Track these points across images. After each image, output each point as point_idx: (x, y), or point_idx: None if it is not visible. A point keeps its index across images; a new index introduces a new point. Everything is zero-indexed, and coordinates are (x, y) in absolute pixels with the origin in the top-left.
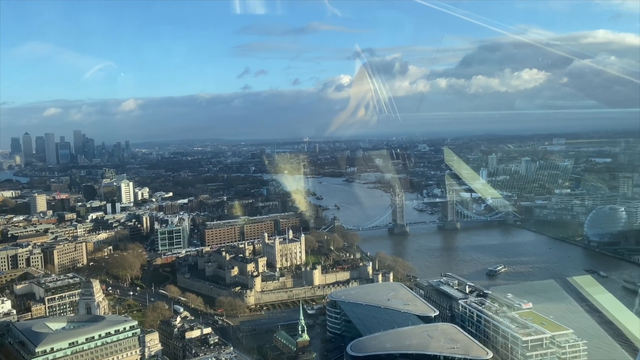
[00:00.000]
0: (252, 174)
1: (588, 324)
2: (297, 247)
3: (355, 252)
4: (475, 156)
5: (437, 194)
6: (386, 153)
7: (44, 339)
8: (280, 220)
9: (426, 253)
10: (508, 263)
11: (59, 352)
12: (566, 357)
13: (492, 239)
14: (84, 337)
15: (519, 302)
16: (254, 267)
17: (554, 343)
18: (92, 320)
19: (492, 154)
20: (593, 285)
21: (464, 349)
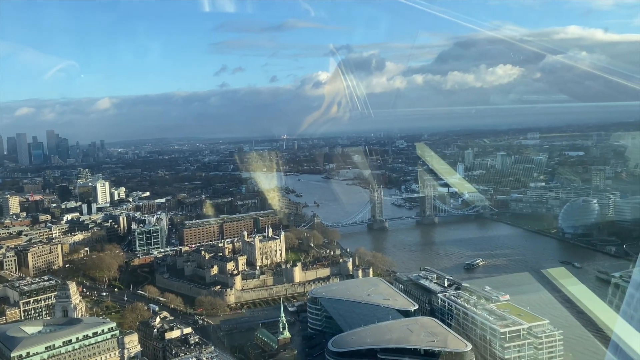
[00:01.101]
0: (230, 172)
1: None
2: (277, 244)
3: (335, 249)
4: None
5: (415, 189)
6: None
7: (19, 343)
8: (260, 218)
9: (405, 248)
10: (485, 256)
11: (36, 356)
12: (543, 347)
13: (469, 232)
14: (61, 341)
15: (497, 294)
16: (233, 266)
17: (531, 334)
18: (69, 323)
19: (468, 149)
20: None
21: (443, 342)
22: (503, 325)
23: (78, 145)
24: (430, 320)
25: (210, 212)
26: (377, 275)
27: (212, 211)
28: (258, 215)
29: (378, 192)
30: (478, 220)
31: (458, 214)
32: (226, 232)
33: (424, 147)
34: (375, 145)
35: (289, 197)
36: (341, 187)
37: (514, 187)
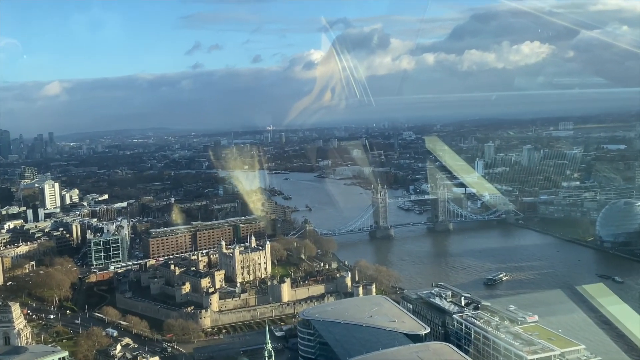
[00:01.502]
0: (205, 170)
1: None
2: (261, 257)
3: (331, 261)
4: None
5: (425, 190)
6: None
7: None
8: (241, 226)
9: (414, 260)
10: (509, 270)
11: None
12: None
13: (490, 241)
14: None
15: (523, 314)
16: (209, 283)
17: None
18: (12, 352)
19: (488, 142)
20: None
21: None
22: (531, 352)
23: (21, 138)
24: (444, 346)
25: (181, 218)
26: (380, 292)
27: (184, 217)
28: (238, 222)
29: (382, 193)
30: (500, 227)
31: (477, 219)
32: (200, 242)
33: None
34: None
35: (275, 200)
36: (338, 187)
37: (543, 187)
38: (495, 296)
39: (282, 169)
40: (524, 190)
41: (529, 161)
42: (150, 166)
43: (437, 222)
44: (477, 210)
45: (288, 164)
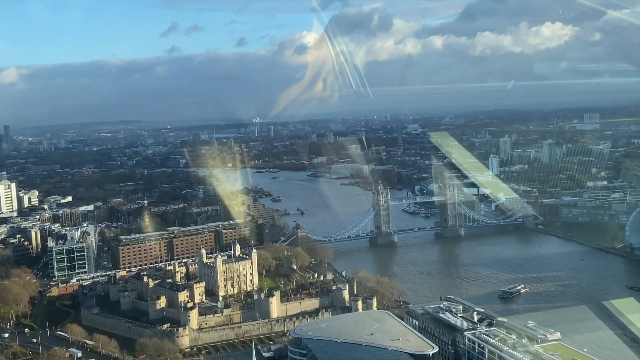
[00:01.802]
0: (183, 168)
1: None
2: (246, 267)
3: (326, 272)
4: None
5: (433, 190)
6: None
7: None
8: (223, 232)
9: (420, 270)
10: (528, 281)
11: None
12: None
13: (506, 249)
14: None
15: (544, 332)
16: (187, 297)
17: None
18: None
19: (504, 137)
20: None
21: None
22: None
23: None
24: None
25: (156, 223)
26: (382, 307)
27: (158, 222)
28: (221, 228)
29: (384, 194)
30: (518, 233)
31: (491, 223)
32: (177, 250)
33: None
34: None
35: (262, 203)
36: (334, 188)
37: (566, 188)
38: (512, 311)
39: (270, 167)
40: (544, 190)
41: (550, 158)
42: (120, 164)
43: (446, 227)
44: (491, 214)
45: (277, 161)
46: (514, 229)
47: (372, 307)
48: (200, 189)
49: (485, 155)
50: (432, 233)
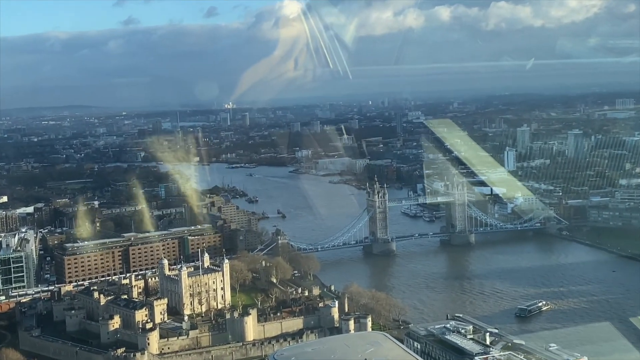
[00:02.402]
0: (141, 163)
1: None
2: (217, 280)
3: (312, 286)
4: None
5: (438, 189)
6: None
7: None
8: (190, 238)
9: (423, 283)
10: (550, 296)
11: None
12: None
13: (524, 258)
14: None
15: (569, 355)
16: (146, 316)
17: None
18: None
19: (522, 126)
20: None
21: None
22: None
23: None
24: None
25: (109, 228)
26: (378, 327)
27: (111, 227)
28: (186, 234)
29: (380, 194)
30: (538, 239)
31: (507, 229)
32: (134, 260)
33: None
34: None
35: (236, 204)
36: (321, 186)
37: (595, 187)
38: (531, 331)
39: (245, 161)
40: (569, 190)
41: (576, 151)
42: (65, 157)
43: (453, 233)
44: (506, 217)
45: (254, 154)
46: (533, 235)
47: (366, 328)
48: (162, 188)
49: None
50: (437, 240)
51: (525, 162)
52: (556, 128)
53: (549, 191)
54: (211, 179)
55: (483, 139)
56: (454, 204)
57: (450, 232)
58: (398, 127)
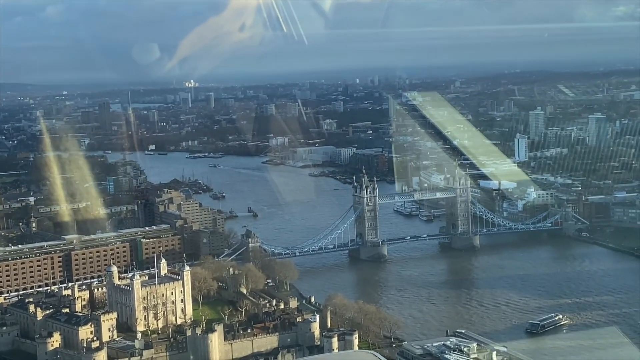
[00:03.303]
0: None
1: None
2: (176, 291)
3: (289, 298)
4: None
5: (437, 183)
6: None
7: None
8: (144, 241)
9: (420, 294)
10: (567, 308)
11: None
12: None
13: (538, 264)
14: None
15: None
16: (92, 333)
17: None
18: None
19: (536, 109)
20: None
21: None
22: None
23: None
24: None
25: (47, 229)
26: (367, 345)
27: (50, 228)
28: (140, 236)
29: (369, 189)
30: (554, 242)
31: (517, 229)
32: (77, 267)
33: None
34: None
35: (199, 201)
36: (299, 179)
37: (621, 180)
38: (545, 350)
39: (210, 150)
40: (590, 184)
41: (598, 138)
42: None
43: (455, 234)
44: (517, 216)
45: (220, 142)
46: (548, 236)
47: (352, 346)
48: (111, 182)
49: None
50: (435, 243)
51: (539, 152)
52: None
53: (567, 185)
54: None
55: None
56: (456, 200)
57: (451, 234)
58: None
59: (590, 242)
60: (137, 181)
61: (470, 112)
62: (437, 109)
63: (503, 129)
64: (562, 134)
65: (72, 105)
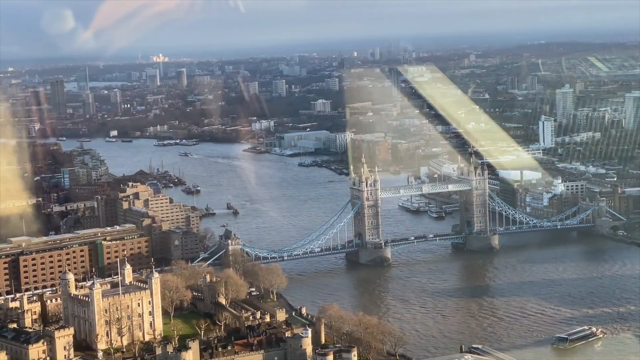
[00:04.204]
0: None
1: None
2: (143, 301)
3: (276, 309)
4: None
5: (449, 174)
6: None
7: None
8: (105, 244)
9: (429, 303)
10: (601, 319)
11: None
12: None
13: (566, 268)
14: None
15: None
16: (44, 352)
17: None
18: None
19: (563, 87)
20: None
21: None
22: None
23: None
24: None
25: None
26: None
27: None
28: (100, 237)
29: (370, 181)
30: (585, 242)
31: (542, 227)
32: (26, 274)
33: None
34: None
35: (169, 196)
36: (287, 170)
37: None
38: None
39: (182, 136)
40: (626, 174)
41: (637, 120)
42: None
43: (470, 234)
44: (542, 212)
45: (194, 126)
46: (578, 235)
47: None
48: (66, 174)
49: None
50: (447, 244)
51: (567, 136)
52: (609, 89)
53: (600, 176)
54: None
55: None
56: (471, 194)
57: (465, 233)
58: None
59: (627, 242)
60: (96, 173)
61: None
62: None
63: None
64: (594, 115)
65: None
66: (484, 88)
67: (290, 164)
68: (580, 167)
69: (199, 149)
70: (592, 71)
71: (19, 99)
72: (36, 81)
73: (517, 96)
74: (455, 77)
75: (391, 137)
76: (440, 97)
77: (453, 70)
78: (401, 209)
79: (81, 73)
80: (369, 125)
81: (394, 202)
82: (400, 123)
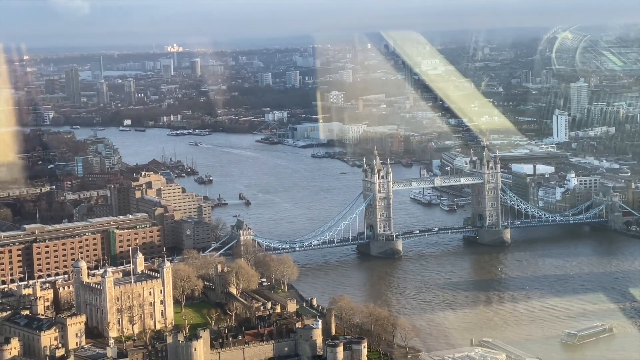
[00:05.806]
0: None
1: None
2: (155, 290)
3: (287, 300)
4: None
5: (462, 167)
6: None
7: None
8: (117, 232)
9: (440, 297)
10: (612, 315)
11: None
12: None
13: (578, 263)
14: None
15: None
16: (56, 339)
17: None
18: None
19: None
20: None
21: None
22: None
23: None
24: None
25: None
26: (377, 356)
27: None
28: (113, 225)
29: (382, 174)
30: (598, 237)
31: (555, 222)
32: (39, 262)
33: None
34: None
35: (182, 186)
36: (300, 161)
37: None
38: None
39: (195, 126)
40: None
41: None
42: None
43: (482, 227)
44: (555, 206)
45: (207, 117)
46: (591, 230)
47: (360, 356)
48: (79, 162)
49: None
50: (459, 237)
51: (581, 131)
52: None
53: (614, 171)
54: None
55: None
56: (484, 187)
57: (477, 227)
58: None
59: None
60: (110, 162)
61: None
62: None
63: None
64: (609, 110)
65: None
66: (498, 81)
67: (302, 155)
68: (594, 162)
69: (212, 139)
70: (607, 65)
71: (34, 87)
72: (51, 70)
73: (531, 90)
74: (469, 70)
75: (404, 130)
76: (453, 90)
77: (467, 63)
78: (413, 202)
79: (95, 62)
80: (382, 117)
81: (406, 194)
82: (413, 115)
